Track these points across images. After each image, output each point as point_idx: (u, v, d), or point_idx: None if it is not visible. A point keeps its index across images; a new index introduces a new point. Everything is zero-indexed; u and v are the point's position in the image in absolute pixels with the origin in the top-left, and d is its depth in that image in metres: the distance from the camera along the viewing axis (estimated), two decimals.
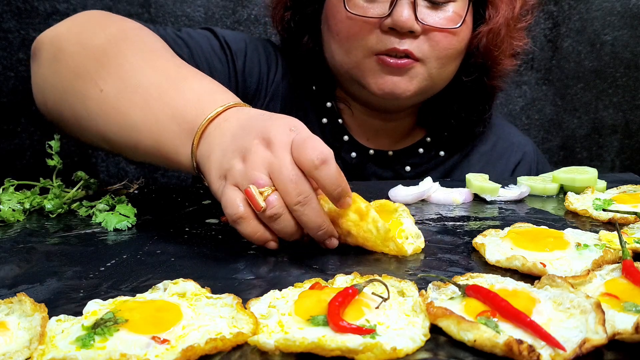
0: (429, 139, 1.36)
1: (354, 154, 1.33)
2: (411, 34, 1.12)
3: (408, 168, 1.35)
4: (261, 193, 0.72)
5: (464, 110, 1.32)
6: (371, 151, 1.33)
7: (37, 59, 1.03)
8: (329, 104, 1.32)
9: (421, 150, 1.36)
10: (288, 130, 0.75)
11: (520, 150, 1.43)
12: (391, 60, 1.13)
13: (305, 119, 1.29)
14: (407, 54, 1.13)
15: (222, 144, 0.77)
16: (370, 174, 1.35)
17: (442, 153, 1.37)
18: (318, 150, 0.72)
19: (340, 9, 1.16)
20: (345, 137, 1.32)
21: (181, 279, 0.64)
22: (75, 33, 1.00)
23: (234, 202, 0.73)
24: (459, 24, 1.15)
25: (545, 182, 1.11)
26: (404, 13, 1.10)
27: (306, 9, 1.26)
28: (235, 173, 0.73)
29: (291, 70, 1.32)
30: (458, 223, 0.92)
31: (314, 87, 1.32)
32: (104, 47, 0.95)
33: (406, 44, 1.13)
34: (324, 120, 1.32)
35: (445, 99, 1.30)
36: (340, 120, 1.32)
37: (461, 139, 1.37)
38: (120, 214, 0.90)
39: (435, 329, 0.55)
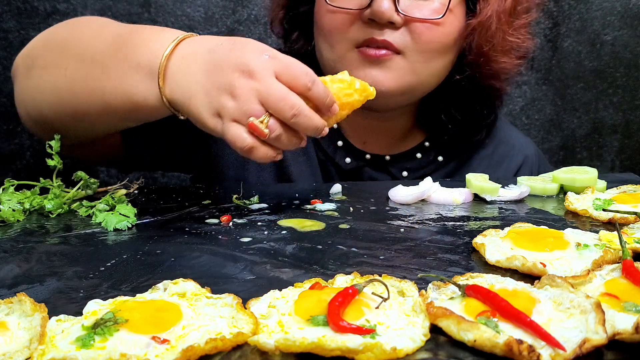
0: (427, 143, 1.33)
1: (348, 159, 1.29)
2: (391, 24, 1.10)
3: (405, 173, 1.31)
4: (261, 122, 0.81)
5: (461, 112, 1.28)
6: (367, 156, 1.30)
7: (16, 78, 1.12)
8: None
9: (419, 155, 1.32)
10: (263, 56, 0.83)
11: (521, 153, 1.39)
12: (370, 52, 1.12)
13: None
14: (386, 45, 1.11)
15: (197, 83, 0.84)
16: (367, 179, 1.31)
17: (440, 158, 1.33)
18: (306, 72, 0.84)
19: (322, 3, 1.15)
20: (340, 142, 1.29)
21: (181, 279, 0.64)
22: (41, 39, 1.10)
23: (240, 136, 0.82)
24: (442, 15, 1.12)
25: (545, 182, 1.10)
26: (383, 4, 1.07)
27: (299, 9, 1.26)
28: (230, 110, 0.82)
29: None
30: (458, 223, 0.92)
31: None
32: (64, 37, 1.06)
33: (385, 35, 1.11)
34: None
35: (440, 99, 1.27)
36: (334, 125, 1.30)
37: (459, 145, 1.33)
38: (120, 214, 0.90)
39: (435, 329, 0.55)
